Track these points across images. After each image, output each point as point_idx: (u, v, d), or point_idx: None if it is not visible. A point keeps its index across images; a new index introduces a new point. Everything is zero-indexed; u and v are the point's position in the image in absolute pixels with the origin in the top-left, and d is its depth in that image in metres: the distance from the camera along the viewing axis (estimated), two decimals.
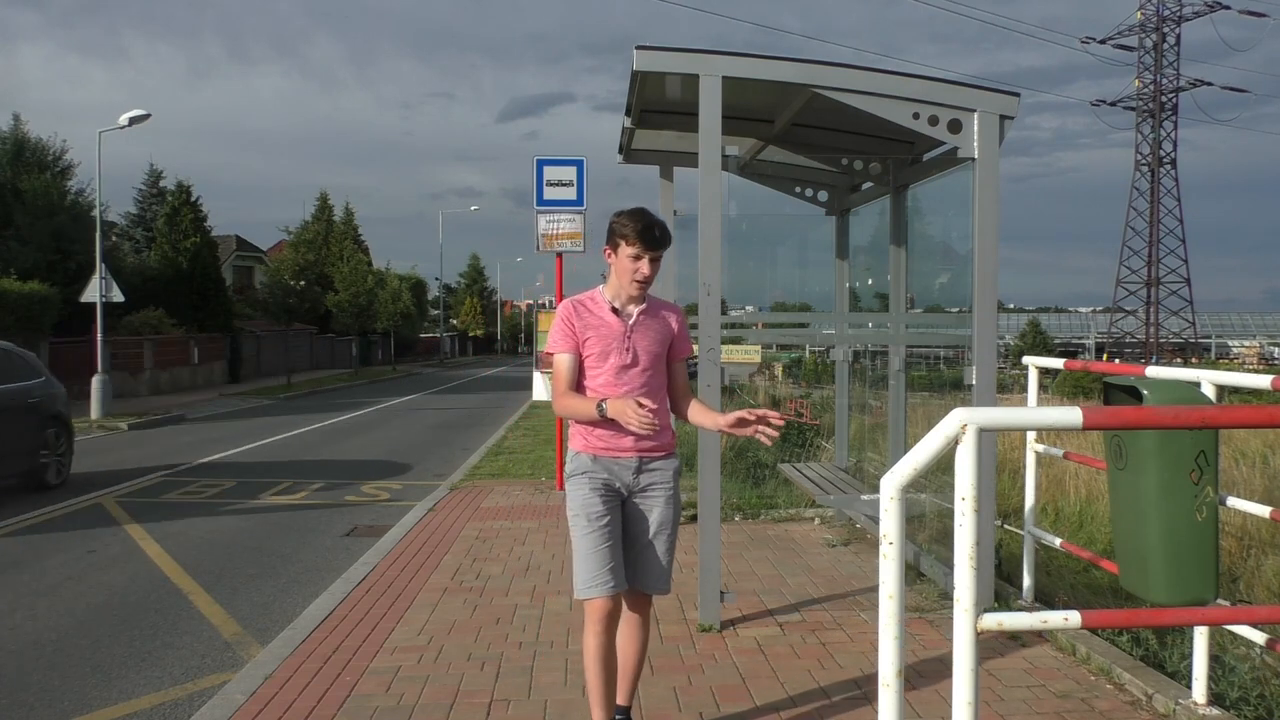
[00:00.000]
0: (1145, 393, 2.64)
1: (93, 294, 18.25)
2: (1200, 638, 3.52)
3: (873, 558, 6.05)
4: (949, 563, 3.75)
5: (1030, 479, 4.77)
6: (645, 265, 3.16)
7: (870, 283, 7.66)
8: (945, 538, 5.26)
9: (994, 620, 1.94)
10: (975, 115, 4.66)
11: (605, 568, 3.11)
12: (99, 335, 18.32)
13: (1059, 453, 4.81)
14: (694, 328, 4.40)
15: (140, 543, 7.36)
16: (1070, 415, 1.93)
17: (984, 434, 1.91)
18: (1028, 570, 4.80)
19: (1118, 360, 46.68)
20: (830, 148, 6.61)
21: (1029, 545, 4.79)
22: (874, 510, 5.75)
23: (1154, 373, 3.58)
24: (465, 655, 4.40)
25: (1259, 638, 3.37)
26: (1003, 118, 4.69)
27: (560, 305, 3.32)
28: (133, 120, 18.19)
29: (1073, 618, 2.00)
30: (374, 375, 36.73)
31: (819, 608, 5.09)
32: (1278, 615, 2.44)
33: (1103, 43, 69.99)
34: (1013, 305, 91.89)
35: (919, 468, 1.93)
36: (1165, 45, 66.99)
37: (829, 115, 5.60)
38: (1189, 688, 3.61)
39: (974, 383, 4.76)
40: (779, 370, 26.98)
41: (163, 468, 11.61)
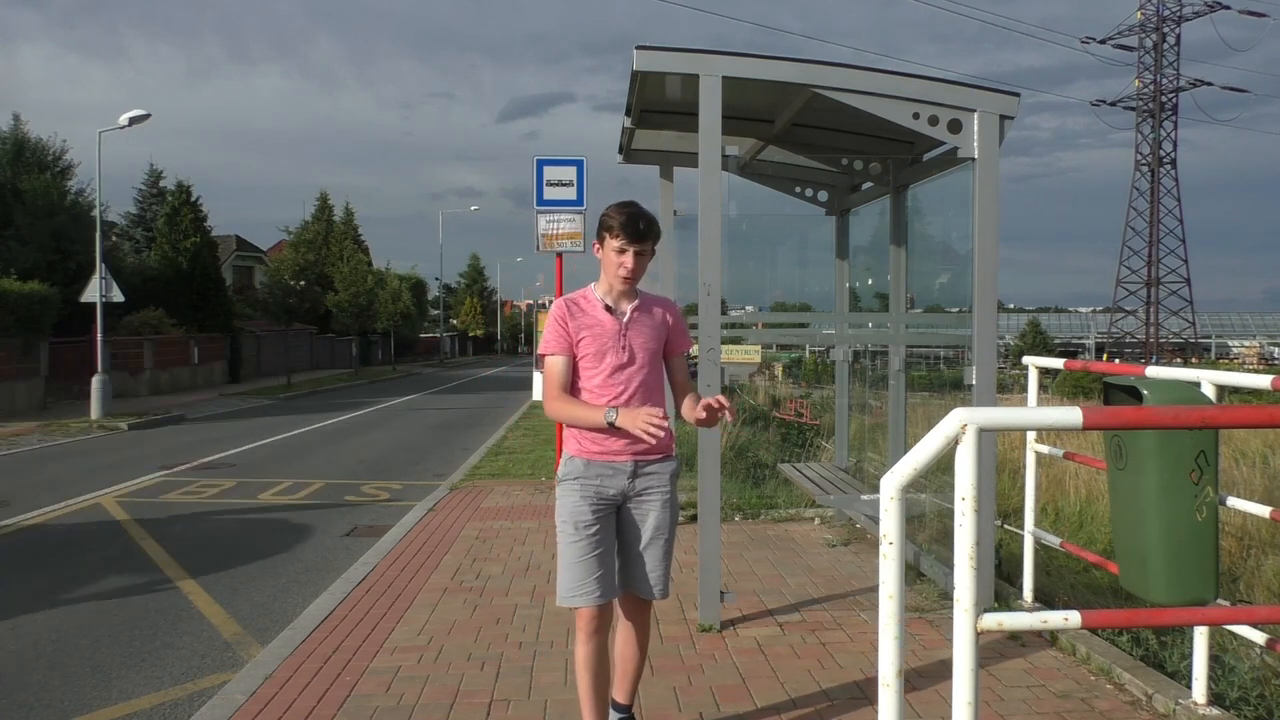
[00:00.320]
0: (1145, 393, 2.64)
1: (93, 294, 18.26)
2: (1200, 638, 3.52)
3: (873, 558, 6.05)
4: (949, 563, 3.75)
5: (1030, 479, 4.76)
6: (630, 258, 3.06)
7: (870, 283, 7.66)
8: (945, 538, 5.26)
9: (994, 620, 1.94)
10: (975, 115, 4.66)
11: (590, 577, 3.05)
12: (99, 335, 18.33)
13: (1059, 453, 4.80)
14: (694, 328, 4.40)
15: (140, 543, 7.37)
16: (1070, 415, 1.93)
17: (984, 434, 1.91)
18: (1028, 570, 4.80)
19: (1118, 360, 46.66)
20: (830, 148, 6.61)
21: (1029, 545, 4.79)
22: (874, 510, 5.75)
23: (1154, 373, 3.58)
24: (465, 655, 4.40)
25: (1259, 638, 3.37)
26: (1003, 118, 4.69)
27: (554, 305, 3.22)
28: (133, 120, 18.20)
29: (1073, 618, 2.00)
30: (374, 375, 36.73)
31: (819, 608, 5.09)
32: (1278, 615, 2.44)
33: (1103, 43, 70.07)
34: (1013, 305, 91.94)
35: (919, 468, 1.93)
36: (1165, 45, 67.03)
37: (829, 115, 5.60)
38: (1189, 688, 3.61)
39: (974, 383, 4.76)
40: (779, 370, 26.96)
41: (163, 468, 11.62)
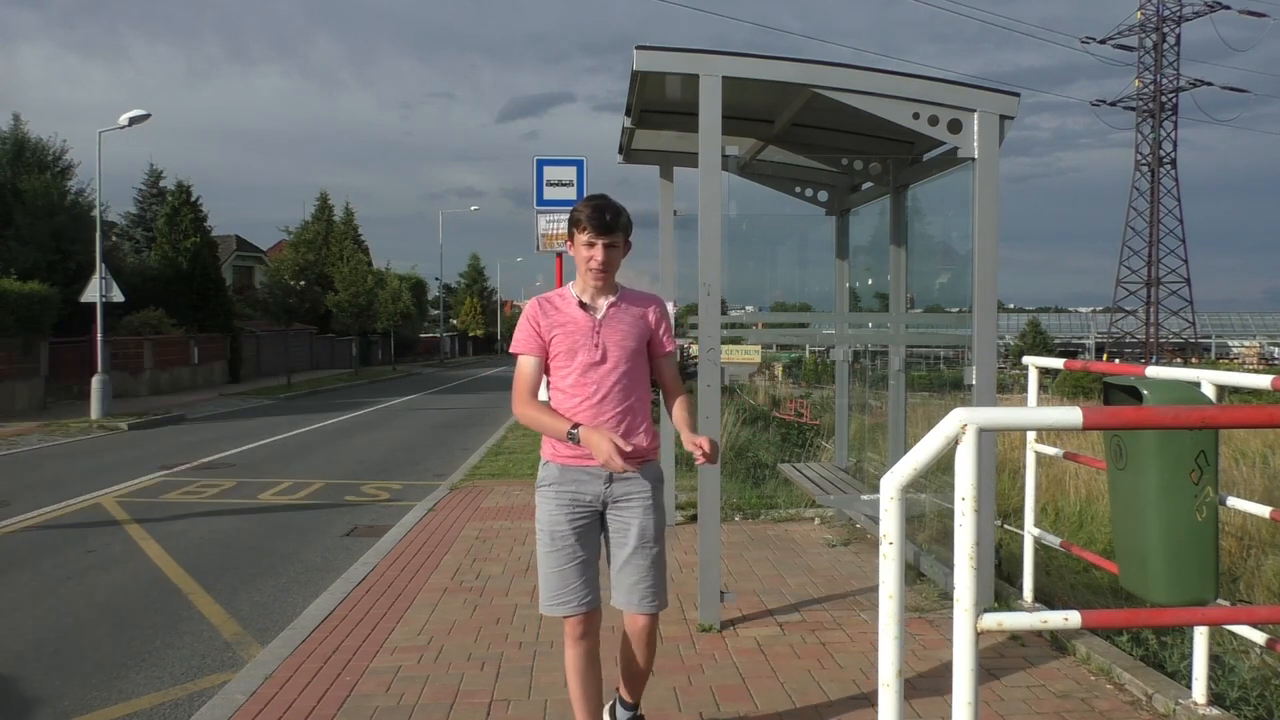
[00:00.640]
0: (1145, 393, 2.64)
1: (93, 294, 18.27)
2: (1200, 638, 3.52)
3: (873, 558, 6.05)
4: (949, 563, 3.75)
5: (1030, 479, 4.76)
6: (599, 252, 2.95)
7: (870, 283, 7.66)
8: (945, 538, 5.26)
9: (994, 620, 1.94)
10: (975, 115, 4.66)
11: (567, 587, 2.98)
12: (99, 335, 18.33)
13: (1059, 453, 4.81)
14: (694, 328, 4.39)
15: (140, 543, 7.37)
16: (1070, 415, 1.93)
17: (984, 434, 1.91)
18: (1028, 570, 4.80)
19: (1118, 360, 46.67)
20: (830, 148, 6.61)
21: (1029, 545, 4.78)
22: (874, 510, 5.75)
23: (1154, 373, 3.58)
24: (465, 655, 4.40)
25: (1259, 638, 3.37)
26: (1003, 118, 4.69)
27: (528, 303, 3.12)
28: (133, 120, 18.21)
29: (1073, 618, 2.00)
30: (374, 375, 36.72)
31: (819, 608, 5.09)
32: (1278, 615, 2.45)
33: (1103, 43, 70.09)
34: (1013, 305, 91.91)
35: (919, 468, 1.93)
36: (1165, 45, 67.04)
37: (829, 115, 5.60)
38: (1189, 688, 3.61)
39: (974, 383, 4.76)
40: (779, 370, 26.97)
41: (163, 468, 11.62)
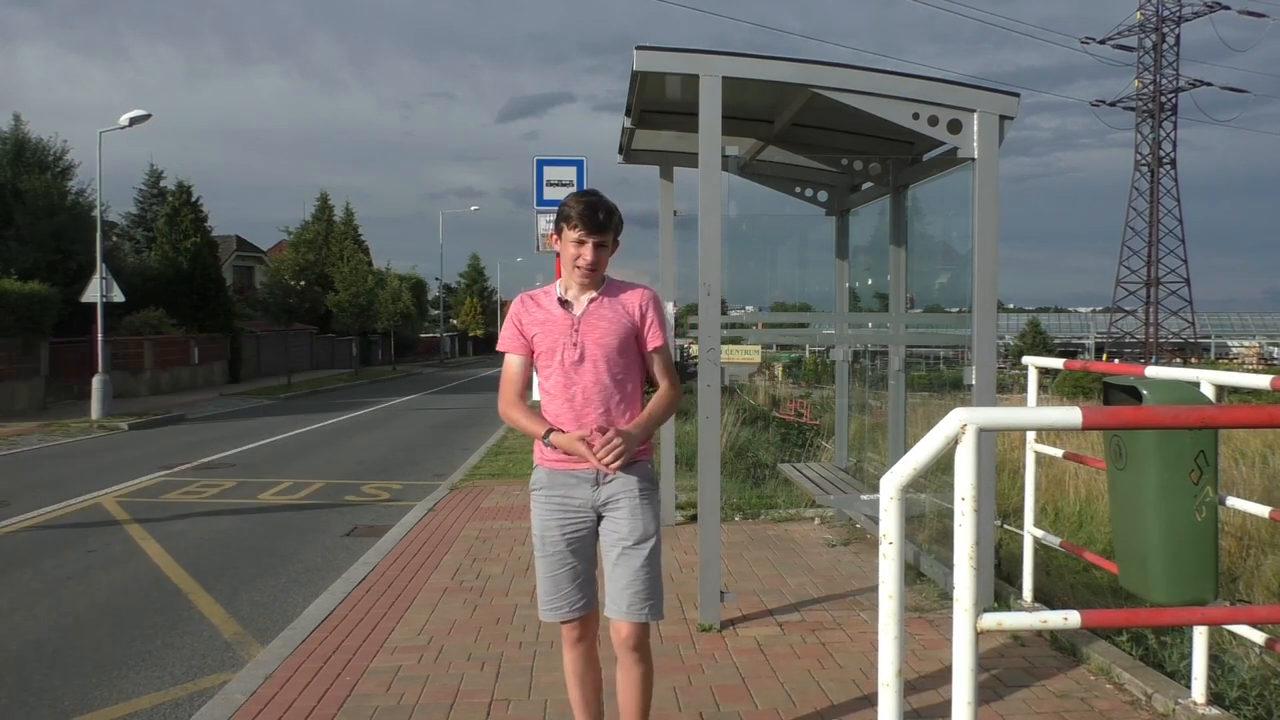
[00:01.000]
0: (1145, 393, 2.64)
1: (93, 294, 18.28)
2: (1200, 637, 3.52)
3: (873, 558, 6.05)
4: (949, 563, 3.75)
5: (1030, 479, 4.76)
6: (589, 250, 2.86)
7: (870, 283, 7.66)
8: (945, 538, 5.26)
9: (994, 620, 1.94)
10: (975, 115, 4.66)
11: (558, 593, 2.95)
12: (99, 335, 18.34)
13: (1059, 453, 4.81)
14: (694, 328, 4.39)
15: (140, 543, 7.37)
16: (1070, 415, 1.93)
17: (984, 434, 1.91)
18: (1027, 570, 4.80)
19: (1117, 360, 46.67)
20: (830, 148, 6.61)
21: (1029, 545, 4.78)
22: (874, 510, 5.75)
23: (1153, 373, 3.58)
24: (465, 655, 4.40)
25: (1258, 637, 3.37)
26: (1002, 118, 4.69)
27: (513, 301, 3.07)
28: (133, 120, 18.21)
29: (1072, 618, 2.00)
30: (374, 375, 36.72)
31: (819, 608, 5.09)
32: (1277, 615, 2.45)
33: (1102, 43, 70.08)
34: (1013, 305, 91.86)
35: (919, 468, 1.93)
36: (1165, 45, 67.03)
37: (829, 115, 5.60)
38: (1188, 687, 3.61)
39: (974, 383, 4.76)
40: (779, 370, 26.98)
41: (163, 468, 11.62)
